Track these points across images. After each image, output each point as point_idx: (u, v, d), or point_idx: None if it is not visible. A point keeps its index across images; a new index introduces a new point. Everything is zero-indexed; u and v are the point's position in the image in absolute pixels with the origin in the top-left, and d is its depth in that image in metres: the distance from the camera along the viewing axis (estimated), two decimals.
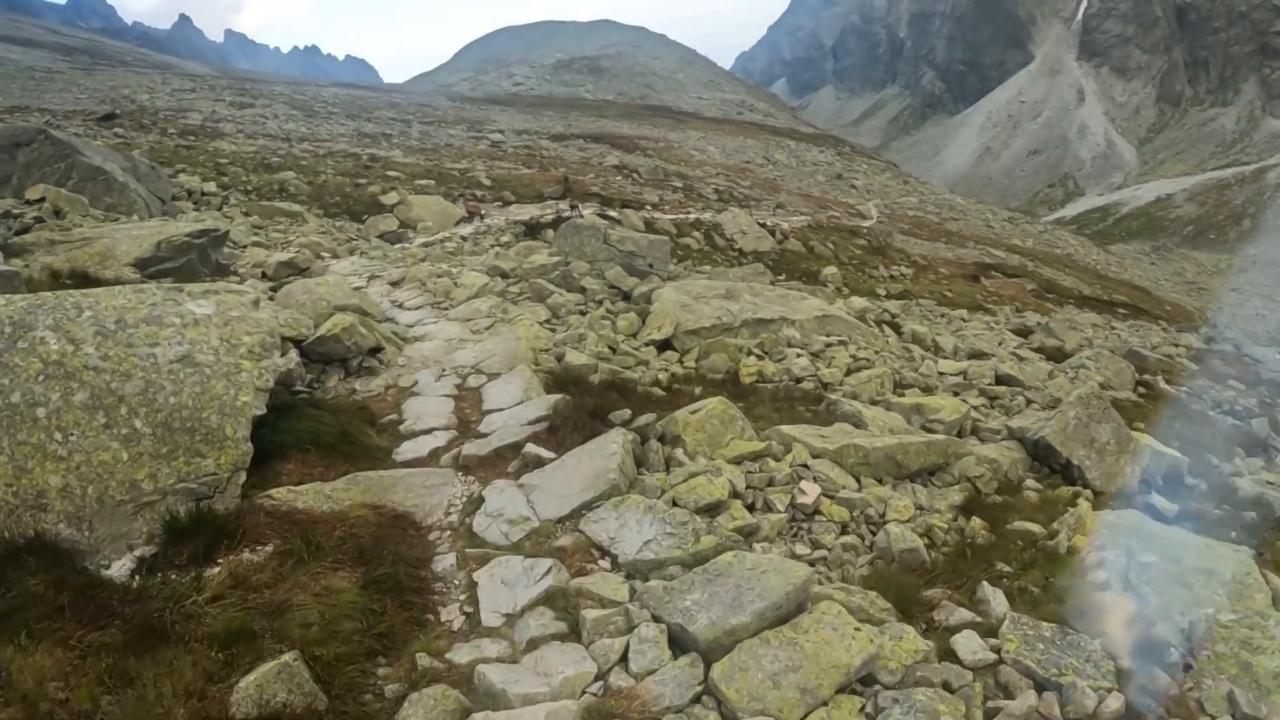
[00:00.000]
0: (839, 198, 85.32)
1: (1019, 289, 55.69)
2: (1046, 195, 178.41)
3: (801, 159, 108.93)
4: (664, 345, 14.76)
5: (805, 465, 7.88)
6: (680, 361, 14.24)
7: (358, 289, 15.85)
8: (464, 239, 29.19)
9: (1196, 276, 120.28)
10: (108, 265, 14.73)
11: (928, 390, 15.61)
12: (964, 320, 31.19)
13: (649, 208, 42.72)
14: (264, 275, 17.49)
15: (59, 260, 15.03)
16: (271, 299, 11.86)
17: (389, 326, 11.92)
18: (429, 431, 7.77)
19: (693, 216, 42.86)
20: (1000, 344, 24.81)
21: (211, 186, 30.66)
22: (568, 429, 7.19)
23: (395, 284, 15.99)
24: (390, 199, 32.26)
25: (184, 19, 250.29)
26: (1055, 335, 28.78)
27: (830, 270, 39.88)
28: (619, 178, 56.50)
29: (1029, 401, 16.43)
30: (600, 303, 16.37)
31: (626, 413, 7.57)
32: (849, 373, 15.21)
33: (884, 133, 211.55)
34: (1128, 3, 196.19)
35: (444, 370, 9.71)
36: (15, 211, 20.53)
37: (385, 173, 38.81)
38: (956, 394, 16.27)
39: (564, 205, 36.89)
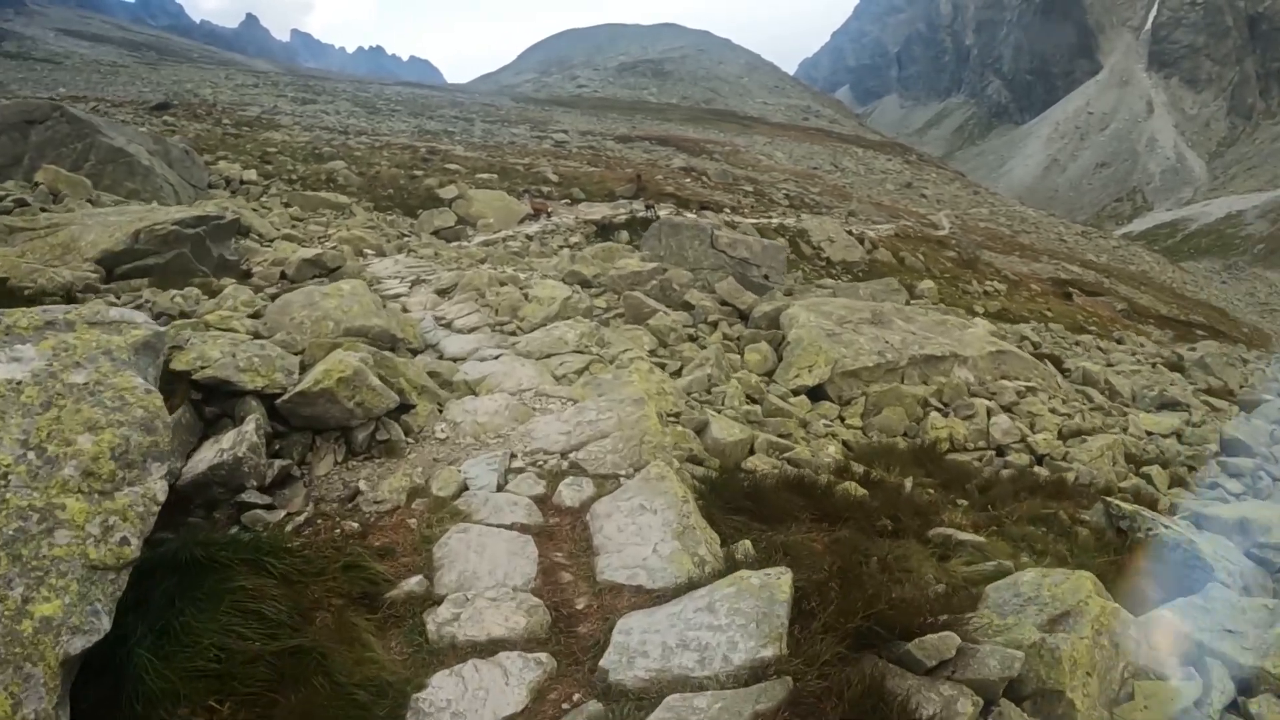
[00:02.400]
0: (909, 207, 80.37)
1: (1108, 308, 50.53)
2: (1114, 210, 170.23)
3: (870, 166, 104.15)
4: (814, 391, 10.46)
5: None
6: (841, 418, 9.94)
7: (393, 297, 11.76)
8: (529, 238, 25.19)
9: (1269, 297, 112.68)
10: (67, 260, 10.83)
11: (1165, 465, 11.11)
12: (1101, 350, 26.32)
13: (727, 210, 38.40)
14: (283, 275, 13.56)
15: (10, 254, 11.18)
16: (256, 316, 7.79)
17: (427, 360, 7.75)
18: (488, 651, 3.47)
19: (775, 221, 38.46)
20: (1172, 384, 20.09)
21: (252, 175, 26.99)
22: (829, 711, 2.91)
23: (444, 292, 11.85)
24: (448, 193, 28.33)
25: (251, 18, 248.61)
26: (1214, 373, 23.89)
27: (926, 284, 35.28)
28: (688, 179, 52.39)
29: (1275, 480, 11.94)
30: (714, 325, 12.10)
31: (951, 643, 3.07)
32: (1063, 437, 10.81)
33: (948, 142, 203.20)
34: (1198, 12, 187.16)
35: (513, 458, 5.44)
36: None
37: (444, 166, 34.97)
38: (1193, 469, 11.79)
39: (637, 205, 32.80)
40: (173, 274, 11.36)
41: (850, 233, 40.60)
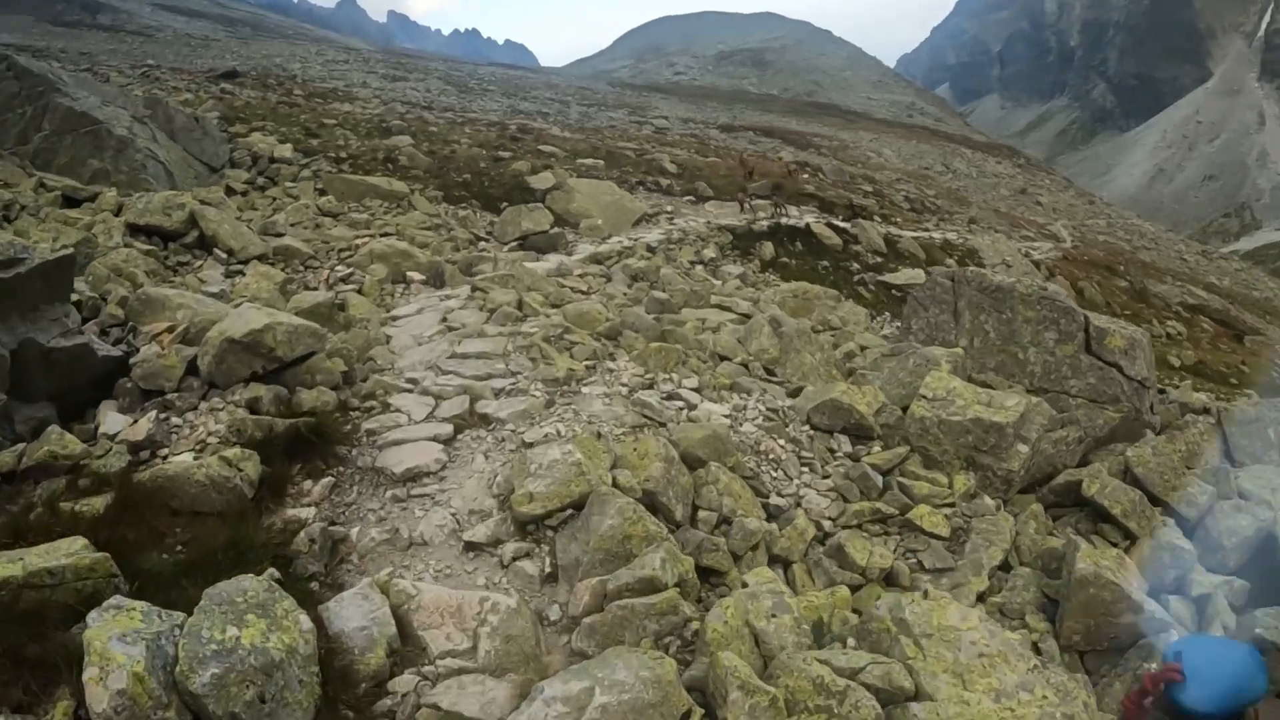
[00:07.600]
0: (1026, 215, 70.27)
1: (1273, 349, 40.32)
2: (1221, 225, 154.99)
3: (981, 169, 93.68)
4: None
5: None
6: None
7: (396, 507, 3.96)
8: (651, 250, 17.30)
9: None
10: None
11: None
12: None
13: (878, 219, 29.97)
14: (191, 369, 5.86)
15: None
16: None
17: None
18: None
19: (937, 236, 29.88)
20: None
21: (287, 151, 19.53)
22: None
23: (534, 518, 3.97)
24: (542, 181, 20.51)
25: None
26: None
27: None
28: (804, 175, 44.05)
29: None
30: None
31: None
32: None
33: (1050, 146, 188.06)
34: None
35: None
36: None
37: (537, 147, 27.19)
38: None
39: (775, 206, 24.76)
40: None
41: (1022, 254, 31.95)
